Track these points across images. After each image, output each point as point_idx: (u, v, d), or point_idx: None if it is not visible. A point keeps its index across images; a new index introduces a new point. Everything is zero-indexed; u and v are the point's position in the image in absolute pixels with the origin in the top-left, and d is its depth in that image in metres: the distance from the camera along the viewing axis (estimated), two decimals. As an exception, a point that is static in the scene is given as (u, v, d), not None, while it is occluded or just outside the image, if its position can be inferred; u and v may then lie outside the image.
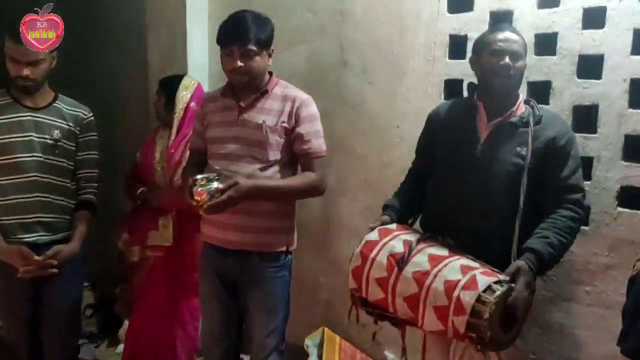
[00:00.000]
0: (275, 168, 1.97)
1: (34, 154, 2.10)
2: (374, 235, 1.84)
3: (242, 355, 2.34)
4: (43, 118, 2.14)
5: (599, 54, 2.03)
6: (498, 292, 1.57)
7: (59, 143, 2.15)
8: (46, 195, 2.13)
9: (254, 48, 1.89)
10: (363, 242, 1.85)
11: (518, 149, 1.80)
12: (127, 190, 2.57)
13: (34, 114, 2.13)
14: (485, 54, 1.85)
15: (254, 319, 2.06)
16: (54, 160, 2.14)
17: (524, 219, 1.75)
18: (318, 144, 2.01)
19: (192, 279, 2.34)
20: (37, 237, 2.13)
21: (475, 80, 1.97)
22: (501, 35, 1.83)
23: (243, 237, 1.96)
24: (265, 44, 1.93)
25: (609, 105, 2.02)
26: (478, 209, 1.81)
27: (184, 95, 2.44)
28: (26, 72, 2.02)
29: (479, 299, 1.56)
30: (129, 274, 2.66)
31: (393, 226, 1.91)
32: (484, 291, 1.57)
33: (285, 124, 1.97)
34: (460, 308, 1.58)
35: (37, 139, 2.11)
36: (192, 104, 2.43)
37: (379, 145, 2.57)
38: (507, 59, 1.79)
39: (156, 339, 2.51)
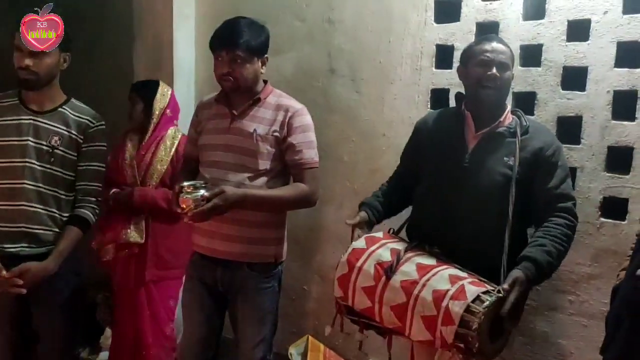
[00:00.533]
0: (265, 177, 1.94)
1: (27, 160, 2.00)
2: (360, 244, 1.83)
3: None
4: (43, 123, 2.03)
5: (583, 66, 2.06)
6: (487, 303, 1.56)
7: (56, 150, 2.03)
8: (33, 204, 2.01)
9: (242, 54, 1.87)
10: (349, 250, 1.83)
11: (506, 159, 1.80)
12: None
13: (35, 118, 2.03)
14: (472, 64, 1.85)
15: (241, 329, 2.03)
16: (47, 168, 2.02)
17: (512, 228, 1.75)
18: (310, 154, 1.98)
19: (168, 277, 2.41)
20: (20, 249, 2.00)
21: (462, 90, 1.98)
22: (488, 46, 1.84)
23: (231, 246, 1.94)
24: (256, 51, 1.91)
25: (593, 117, 2.04)
26: (466, 219, 1.80)
27: (161, 101, 2.50)
28: (27, 62, 1.94)
29: (467, 309, 1.55)
30: (106, 276, 2.65)
31: (380, 234, 1.90)
32: (473, 301, 1.57)
33: (277, 133, 1.94)
34: (449, 318, 1.57)
35: (33, 144, 2.01)
36: (168, 111, 2.51)
37: (366, 153, 2.58)
38: (494, 70, 1.80)
39: (136, 339, 2.51)
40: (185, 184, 1.80)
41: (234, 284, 1.98)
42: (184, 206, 1.75)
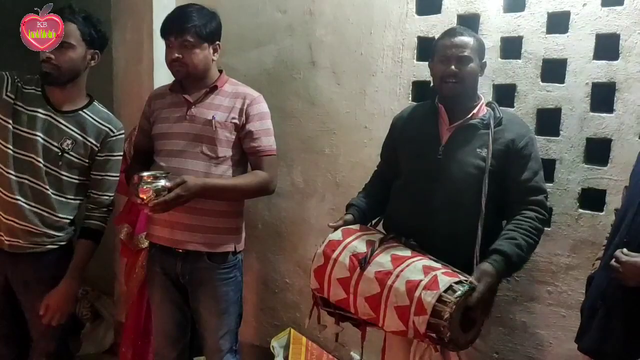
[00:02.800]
0: (227, 165, 1.94)
1: (32, 155, 1.92)
2: (337, 235, 1.83)
3: (195, 358, 2.32)
4: (59, 123, 1.96)
5: (562, 58, 2.07)
6: (459, 292, 1.57)
7: (65, 154, 1.95)
8: (28, 201, 1.94)
9: (191, 39, 1.87)
10: (326, 241, 1.83)
11: (478, 150, 1.81)
12: (121, 185, 2.53)
13: (53, 115, 1.95)
14: (436, 60, 1.87)
15: (206, 321, 2.02)
16: (52, 169, 1.95)
17: (486, 220, 1.76)
18: (268, 142, 1.99)
19: None
20: (7, 243, 1.95)
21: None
22: (448, 41, 1.84)
23: (191, 236, 1.93)
24: (206, 37, 1.90)
25: (572, 109, 2.06)
26: (440, 211, 1.81)
27: None
28: (48, 54, 1.89)
29: (440, 299, 1.57)
30: (129, 269, 2.59)
31: (356, 226, 1.90)
32: (445, 291, 1.58)
33: (235, 120, 1.94)
34: (421, 308, 1.58)
35: (42, 141, 1.93)
36: None
37: (347, 146, 2.57)
38: (452, 67, 1.80)
39: (145, 330, 2.49)
40: (145, 174, 1.77)
41: (194, 276, 1.98)
42: (144, 197, 1.73)
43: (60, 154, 1.95)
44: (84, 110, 2.02)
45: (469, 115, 1.84)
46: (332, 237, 1.83)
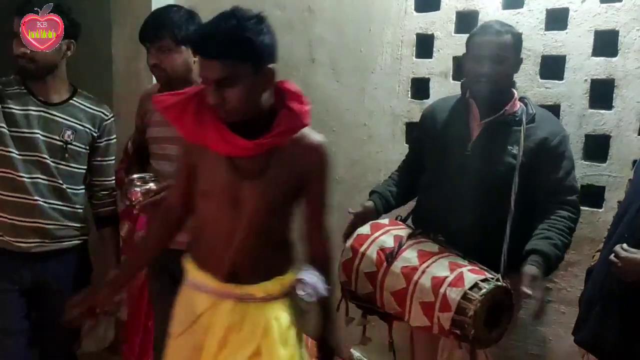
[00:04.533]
0: None
1: (38, 154, 1.90)
2: (365, 230, 1.83)
3: None
4: (54, 115, 1.94)
5: (561, 55, 2.07)
6: (484, 290, 1.56)
7: (69, 146, 1.95)
8: (47, 200, 1.92)
9: (166, 44, 1.82)
10: (354, 235, 1.83)
11: (510, 147, 1.77)
12: (122, 182, 2.55)
13: (45, 109, 1.93)
14: (468, 57, 1.83)
15: None
16: (61, 164, 1.94)
17: (514, 218, 1.72)
18: None
19: None
20: (33, 245, 1.92)
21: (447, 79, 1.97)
22: (483, 40, 1.79)
23: (183, 236, 1.92)
24: (184, 40, 1.84)
25: (571, 105, 2.06)
26: (468, 208, 1.79)
27: None
28: (23, 49, 1.87)
29: (464, 296, 1.56)
30: None
31: (385, 221, 1.89)
32: (471, 288, 1.57)
33: None
34: (446, 304, 1.57)
35: (43, 138, 1.91)
36: None
37: (346, 143, 2.57)
38: (485, 67, 1.75)
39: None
40: (135, 176, 1.82)
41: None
42: (133, 199, 1.78)
43: (64, 146, 1.94)
44: (73, 99, 2.01)
45: (501, 112, 1.79)
46: (361, 232, 1.84)
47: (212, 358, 1.48)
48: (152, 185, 1.78)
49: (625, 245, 1.51)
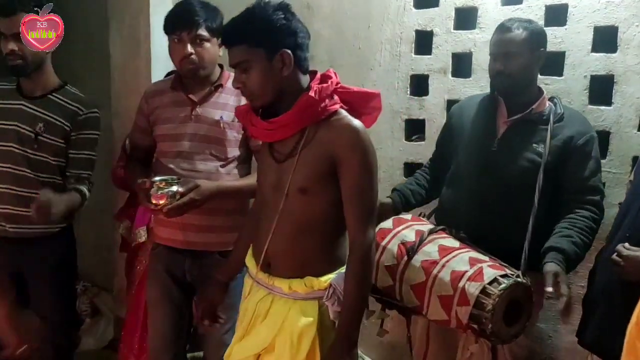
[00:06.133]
0: (234, 164, 1.90)
1: (10, 144, 1.98)
2: (387, 224, 1.83)
3: (192, 354, 2.30)
4: (31, 108, 2.01)
5: (560, 51, 2.06)
6: (503, 285, 1.55)
7: (40, 137, 2.00)
8: (14, 188, 2.00)
9: (204, 34, 1.81)
10: (377, 229, 1.80)
11: (535, 145, 1.77)
12: (118, 181, 2.56)
13: (25, 103, 2.01)
14: (490, 55, 1.86)
15: None
16: (31, 153, 2.00)
17: (537, 215, 1.71)
18: None
19: None
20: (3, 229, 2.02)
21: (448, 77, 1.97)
22: (495, 38, 1.82)
23: (205, 237, 1.89)
24: (215, 32, 1.84)
25: (570, 102, 2.05)
26: (491, 205, 1.79)
27: None
28: (11, 46, 1.92)
29: (483, 291, 1.55)
30: (129, 264, 2.60)
31: (408, 216, 1.90)
32: (490, 283, 1.56)
33: None
34: (464, 299, 1.57)
35: (19, 130, 1.99)
36: None
37: (345, 140, 2.56)
38: (498, 64, 1.78)
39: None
40: (157, 179, 1.73)
41: (203, 272, 1.93)
42: (158, 203, 1.70)
43: (34, 137, 2.00)
44: (54, 93, 2.06)
45: (528, 110, 1.80)
46: (383, 226, 1.84)
47: (237, 340, 1.58)
48: (177, 187, 1.71)
49: (627, 245, 1.51)
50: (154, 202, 1.70)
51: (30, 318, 2.12)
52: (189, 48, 1.81)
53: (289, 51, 1.39)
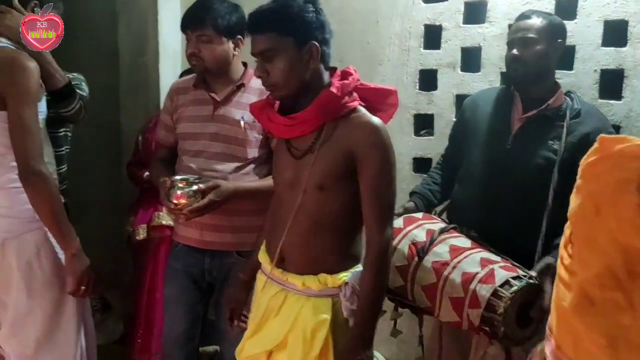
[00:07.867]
0: (252, 165, 1.89)
1: None
2: (398, 223, 1.80)
3: (203, 348, 2.30)
4: None
5: (570, 45, 2.05)
6: (515, 288, 1.53)
7: None
8: None
9: (209, 33, 1.80)
10: None
11: (551, 142, 1.73)
12: (131, 176, 2.61)
13: None
14: (507, 45, 1.84)
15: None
16: None
17: (551, 215, 1.67)
18: None
19: None
20: None
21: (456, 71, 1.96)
22: (514, 26, 1.81)
23: (223, 237, 1.89)
24: (225, 31, 1.82)
25: (580, 96, 2.04)
26: (504, 202, 1.76)
27: None
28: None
29: (495, 293, 1.53)
30: (136, 259, 2.65)
31: (419, 215, 1.86)
32: (502, 286, 1.54)
33: None
34: (476, 301, 1.55)
35: None
36: None
37: (354, 135, 2.56)
38: (513, 50, 1.75)
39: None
40: (177, 178, 1.73)
41: (222, 271, 1.93)
42: (178, 202, 1.69)
43: None
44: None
45: (544, 106, 1.75)
46: (394, 225, 1.82)
47: (249, 335, 1.56)
48: (197, 187, 1.70)
49: None
50: (174, 201, 1.69)
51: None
52: (194, 47, 1.82)
53: (317, 44, 1.39)
